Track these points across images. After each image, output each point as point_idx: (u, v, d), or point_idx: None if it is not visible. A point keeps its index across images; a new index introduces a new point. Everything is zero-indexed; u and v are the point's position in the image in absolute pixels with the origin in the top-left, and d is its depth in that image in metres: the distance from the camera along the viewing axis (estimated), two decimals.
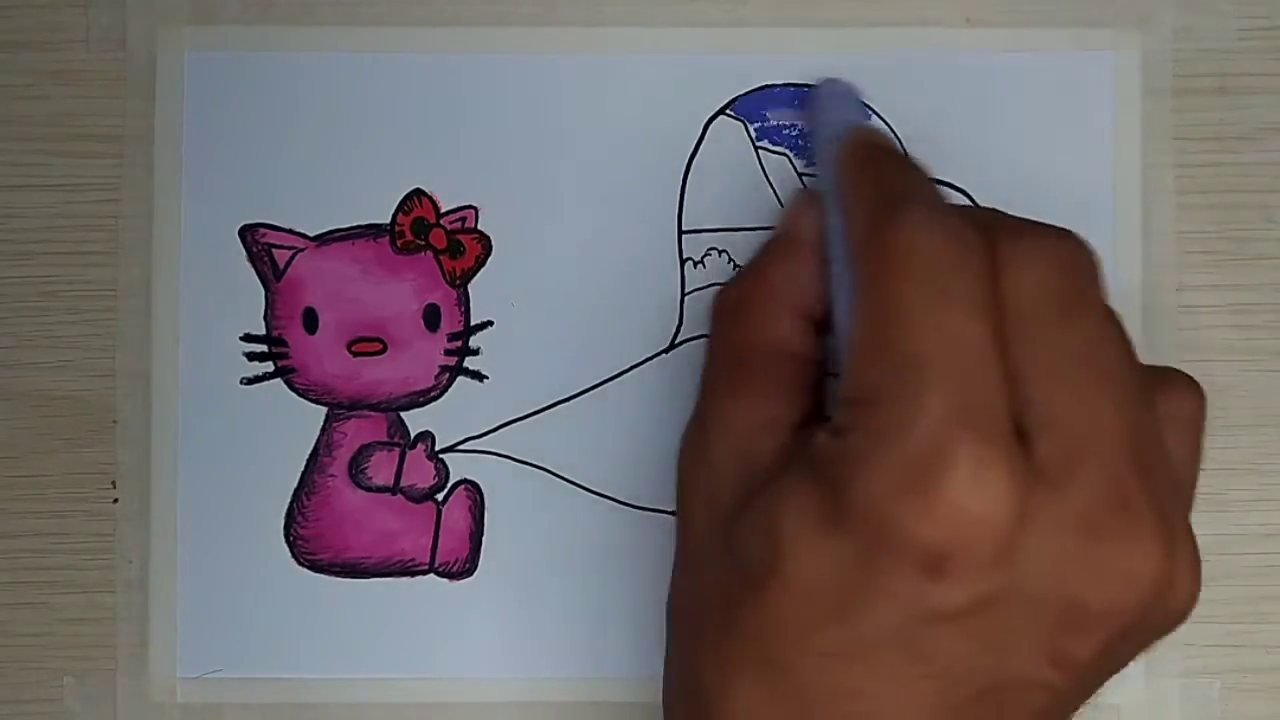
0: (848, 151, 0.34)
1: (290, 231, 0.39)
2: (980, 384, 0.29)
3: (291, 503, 0.39)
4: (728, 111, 0.39)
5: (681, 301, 0.39)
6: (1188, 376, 0.33)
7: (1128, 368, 0.30)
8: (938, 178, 0.38)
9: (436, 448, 0.39)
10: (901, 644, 0.29)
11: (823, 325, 0.34)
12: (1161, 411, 0.31)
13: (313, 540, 0.39)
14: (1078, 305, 0.30)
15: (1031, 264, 0.30)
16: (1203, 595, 0.38)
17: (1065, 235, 0.31)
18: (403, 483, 0.39)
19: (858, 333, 0.30)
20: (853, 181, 0.33)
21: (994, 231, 0.30)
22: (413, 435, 0.39)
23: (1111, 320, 0.31)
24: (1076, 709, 0.32)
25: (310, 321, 0.39)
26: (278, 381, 0.39)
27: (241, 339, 0.39)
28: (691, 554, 0.33)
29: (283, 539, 0.38)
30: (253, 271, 0.39)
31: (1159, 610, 0.30)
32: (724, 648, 0.30)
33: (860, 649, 0.29)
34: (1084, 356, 0.30)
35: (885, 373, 0.29)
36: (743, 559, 0.30)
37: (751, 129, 0.39)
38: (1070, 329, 0.30)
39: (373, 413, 0.39)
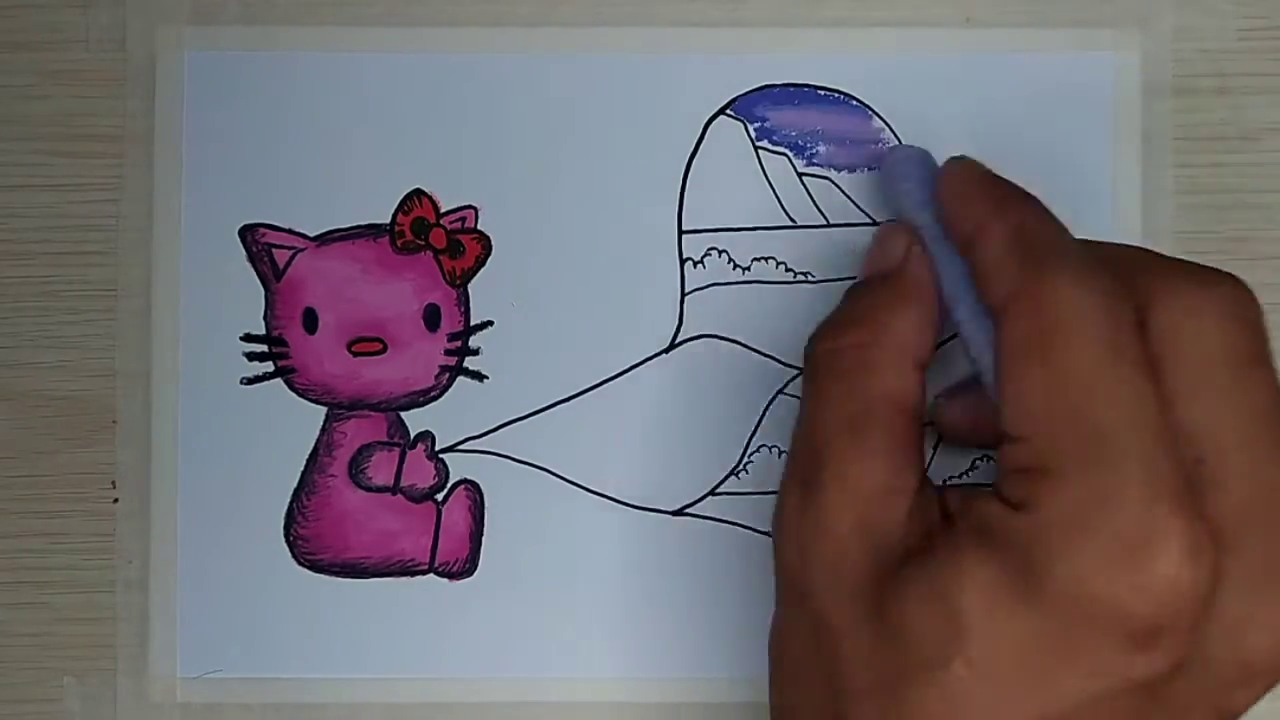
0: (968, 181, 0.33)
1: (290, 231, 0.39)
2: (1167, 449, 0.28)
3: (291, 503, 0.39)
4: (728, 111, 0.39)
5: (681, 301, 0.39)
6: None
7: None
8: None
9: (436, 448, 0.39)
10: (1091, 715, 0.29)
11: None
12: None
13: (313, 540, 0.39)
14: (1250, 359, 0.30)
15: (1201, 312, 0.29)
16: None
17: (1227, 281, 0.30)
18: (403, 483, 0.39)
19: (1021, 398, 0.29)
20: (983, 214, 0.32)
21: (1144, 275, 0.30)
22: (413, 435, 0.39)
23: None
24: None
25: (310, 321, 0.39)
26: (278, 381, 0.39)
27: (241, 339, 0.39)
28: (815, 622, 0.31)
29: (283, 539, 0.38)
30: (253, 271, 0.39)
31: None
32: None
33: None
34: (1257, 414, 0.29)
35: (1069, 442, 0.28)
36: (910, 640, 0.29)
37: (751, 129, 0.39)
38: (1244, 383, 0.29)
39: (373, 413, 0.39)
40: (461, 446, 0.39)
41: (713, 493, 0.38)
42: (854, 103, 0.39)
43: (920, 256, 0.34)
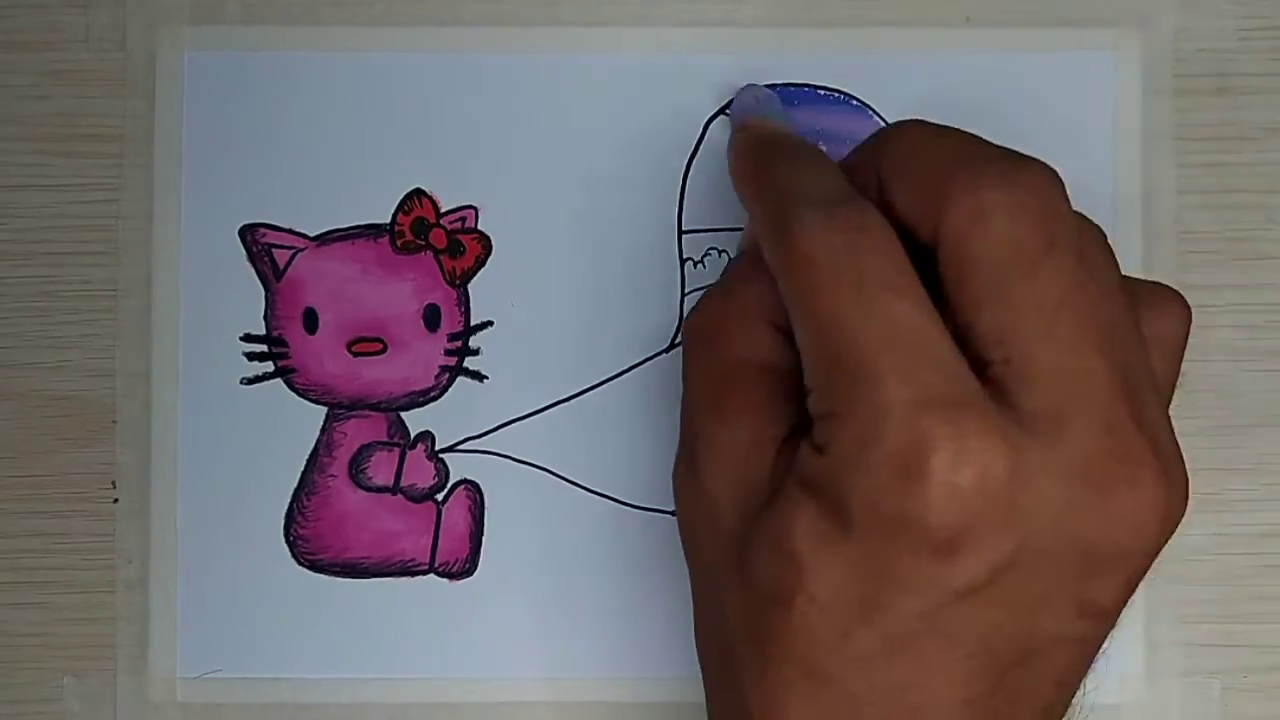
0: (737, 160, 0.34)
1: (290, 231, 0.39)
2: (930, 360, 0.29)
3: (291, 503, 0.39)
4: (728, 111, 0.39)
5: (681, 301, 0.39)
6: (1172, 292, 0.33)
7: (1110, 304, 0.30)
8: None
9: (436, 448, 0.39)
10: (935, 630, 0.29)
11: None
12: (1147, 331, 0.31)
13: (313, 540, 0.39)
14: (1047, 250, 0.29)
15: (993, 216, 0.29)
16: (1203, 595, 0.38)
17: (1024, 170, 0.30)
18: (403, 483, 0.39)
19: (803, 352, 0.30)
20: (747, 193, 0.33)
21: (948, 181, 0.30)
22: (413, 435, 0.39)
23: (1088, 254, 0.30)
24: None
25: (310, 321, 0.39)
26: (278, 381, 0.39)
27: (241, 339, 0.39)
28: (706, 587, 0.33)
29: (283, 539, 0.38)
30: (253, 271, 0.39)
31: (1166, 537, 0.30)
32: (767, 674, 0.30)
33: (897, 644, 0.29)
34: (1061, 304, 0.29)
35: (838, 381, 0.29)
36: (761, 584, 0.30)
37: None
38: (1043, 278, 0.29)
39: (373, 413, 0.39)
40: (461, 446, 0.39)
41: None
42: (854, 103, 0.39)
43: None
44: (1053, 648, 0.30)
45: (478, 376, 0.39)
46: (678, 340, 0.39)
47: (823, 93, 0.39)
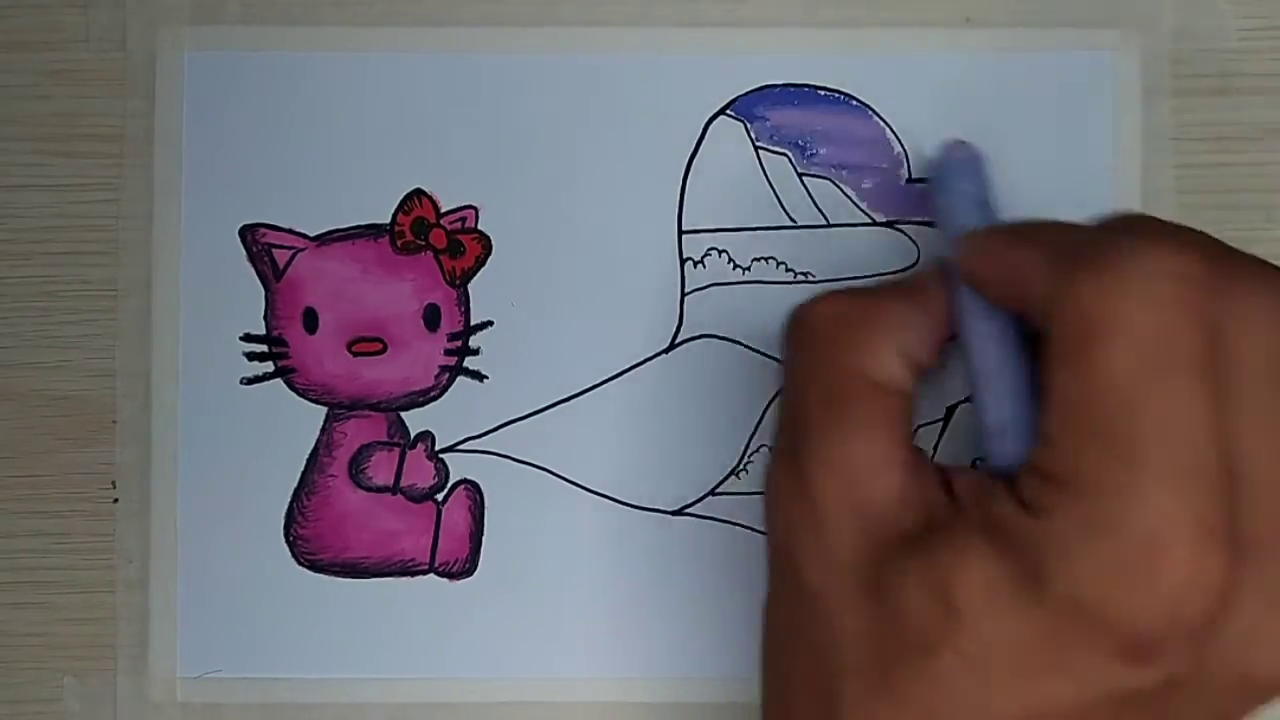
0: (985, 239, 0.32)
1: (290, 231, 0.39)
2: (1200, 467, 0.27)
3: (291, 503, 0.39)
4: (728, 111, 0.39)
5: (681, 301, 0.39)
6: None
7: None
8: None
9: (436, 448, 0.39)
10: (1077, 716, 0.28)
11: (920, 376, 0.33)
12: None
13: (313, 540, 0.39)
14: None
15: (1263, 324, 0.28)
16: None
17: None
18: (403, 483, 0.39)
19: (1056, 404, 0.28)
20: (1023, 239, 0.31)
21: (1223, 278, 0.28)
22: (413, 435, 0.39)
23: None
24: None
25: (310, 321, 0.39)
26: (278, 381, 0.39)
27: (241, 339, 0.39)
28: (806, 601, 0.31)
29: (283, 539, 0.38)
30: (253, 271, 0.39)
31: None
32: (876, 709, 0.29)
33: (1032, 717, 0.28)
34: None
35: (1095, 453, 0.27)
36: (903, 624, 0.29)
37: (751, 129, 0.39)
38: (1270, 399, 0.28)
39: (373, 413, 0.39)
40: (461, 446, 0.39)
41: (713, 493, 0.38)
42: (854, 103, 0.39)
43: (937, 272, 0.33)
44: None
45: (478, 376, 0.39)
46: (678, 340, 0.39)
47: (823, 93, 0.39)
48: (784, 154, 0.39)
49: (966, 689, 0.28)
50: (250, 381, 0.39)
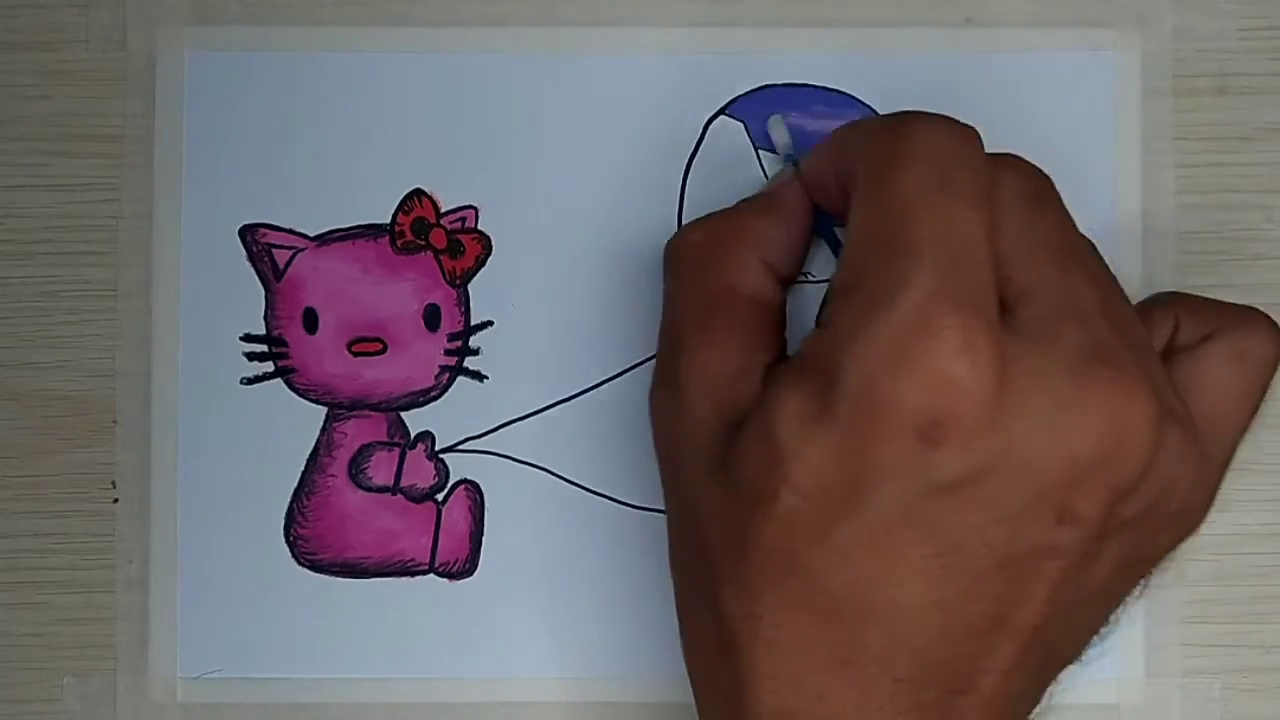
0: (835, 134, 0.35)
1: (290, 231, 0.39)
2: (970, 267, 0.30)
3: (291, 503, 0.39)
4: (728, 111, 0.39)
5: None
6: (1263, 315, 0.35)
7: (1094, 253, 0.33)
8: None
9: (436, 448, 0.39)
10: (911, 522, 0.30)
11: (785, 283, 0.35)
12: (1235, 348, 0.34)
13: (313, 540, 0.38)
14: (1048, 199, 0.32)
15: (1009, 165, 0.32)
16: (1203, 595, 0.38)
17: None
18: (403, 483, 0.39)
19: (851, 231, 0.31)
20: (853, 126, 0.34)
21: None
22: (413, 435, 0.39)
23: (1053, 195, 0.33)
24: (1120, 591, 0.34)
25: (310, 321, 0.39)
26: (278, 381, 0.39)
27: (241, 339, 0.39)
28: (684, 505, 0.33)
29: (283, 539, 0.38)
30: (253, 271, 0.39)
31: (1158, 471, 0.31)
32: (742, 573, 0.31)
33: (875, 536, 0.30)
34: (1057, 239, 0.32)
35: (876, 260, 0.30)
36: (744, 480, 0.31)
37: (751, 129, 0.39)
38: (1043, 217, 0.32)
39: (373, 413, 0.39)
40: (461, 446, 0.39)
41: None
42: (854, 102, 0.39)
43: (795, 184, 0.35)
44: (1034, 559, 0.30)
45: (478, 376, 0.39)
46: None
47: (823, 93, 0.39)
48: (785, 159, 0.39)
49: (809, 522, 0.30)
50: (250, 381, 0.39)
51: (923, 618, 0.30)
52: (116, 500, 0.39)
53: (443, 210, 0.39)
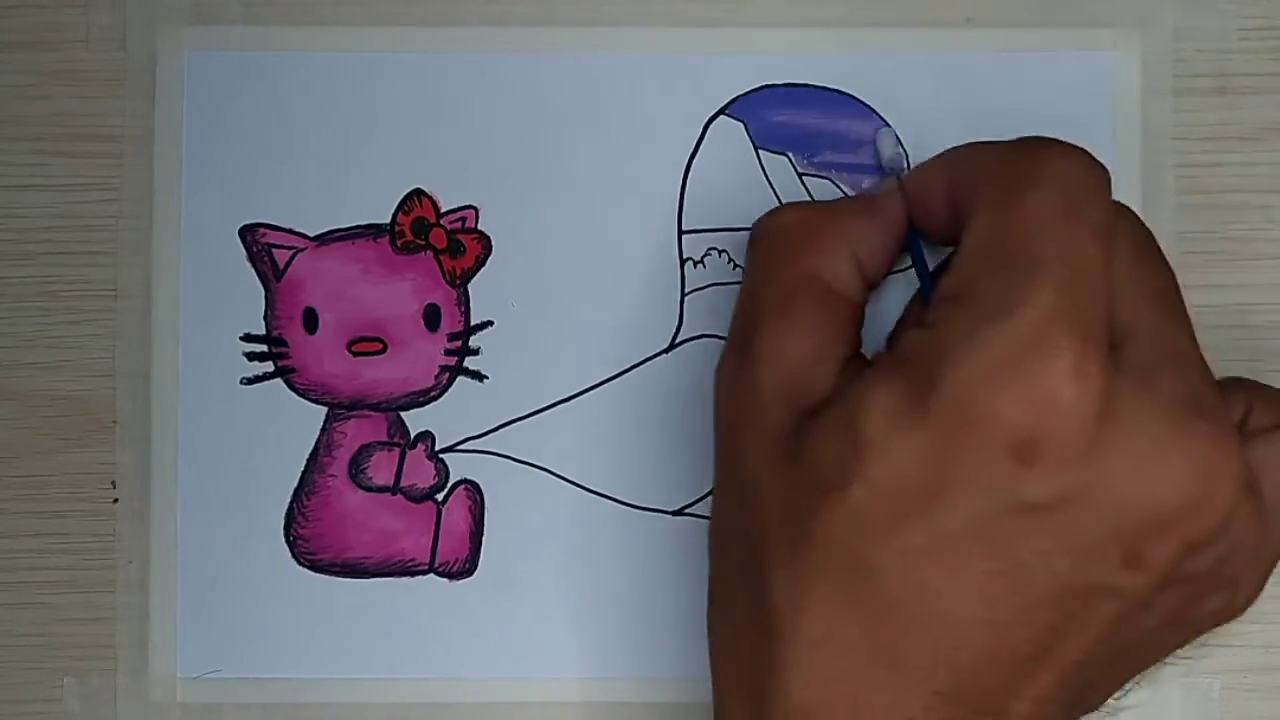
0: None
1: (290, 231, 0.39)
2: (1091, 295, 0.29)
3: (291, 503, 0.39)
4: (728, 111, 0.39)
5: (681, 301, 0.39)
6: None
7: (1188, 314, 0.33)
8: None
9: (436, 448, 0.39)
10: (982, 537, 0.29)
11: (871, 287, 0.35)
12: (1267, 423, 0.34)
13: (313, 540, 0.39)
14: (1157, 250, 0.33)
15: (1125, 213, 0.33)
16: None
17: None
18: (403, 483, 0.39)
19: (971, 238, 0.31)
20: (975, 145, 0.34)
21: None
22: (413, 435, 0.39)
23: (1145, 235, 0.33)
24: (1160, 649, 0.33)
25: (310, 321, 0.39)
26: (278, 381, 0.39)
27: (241, 339, 0.39)
28: (740, 481, 0.33)
29: (283, 539, 0.38)
30: (253, 271, 0.39)
31: (1230, 533, 0.31)
32: (797, 561, 0.30)
33: (942, 544, 0.30)
34: (1162, 290, 0.32)
35: (995, 270, 0.30)
36: (816, 466, 0.30)
37: (751, 129, 0.39)
38: (1151, 264, 0.32)
39: (373, 413, 0.39)
40: (461, 446, 0.39)
41: (713, 493, 0.38)
42: (854, 103, 0.39)
43: (896, 194, 0.35)
44: (1093, 597, 0.30)
45: (478, 376, 0.39)
46: (678, 340, 0.39)
47: (823, 93, 0.39)
48: (784, 154, 0.39)
49: (878, 519, 0.30)
50: (250, 381, 0.39)
51: (972, 634, 0.30)
52: (116, 500, 0.39)
53: (443, 210, 0.39)
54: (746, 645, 0.32)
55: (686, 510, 0.38)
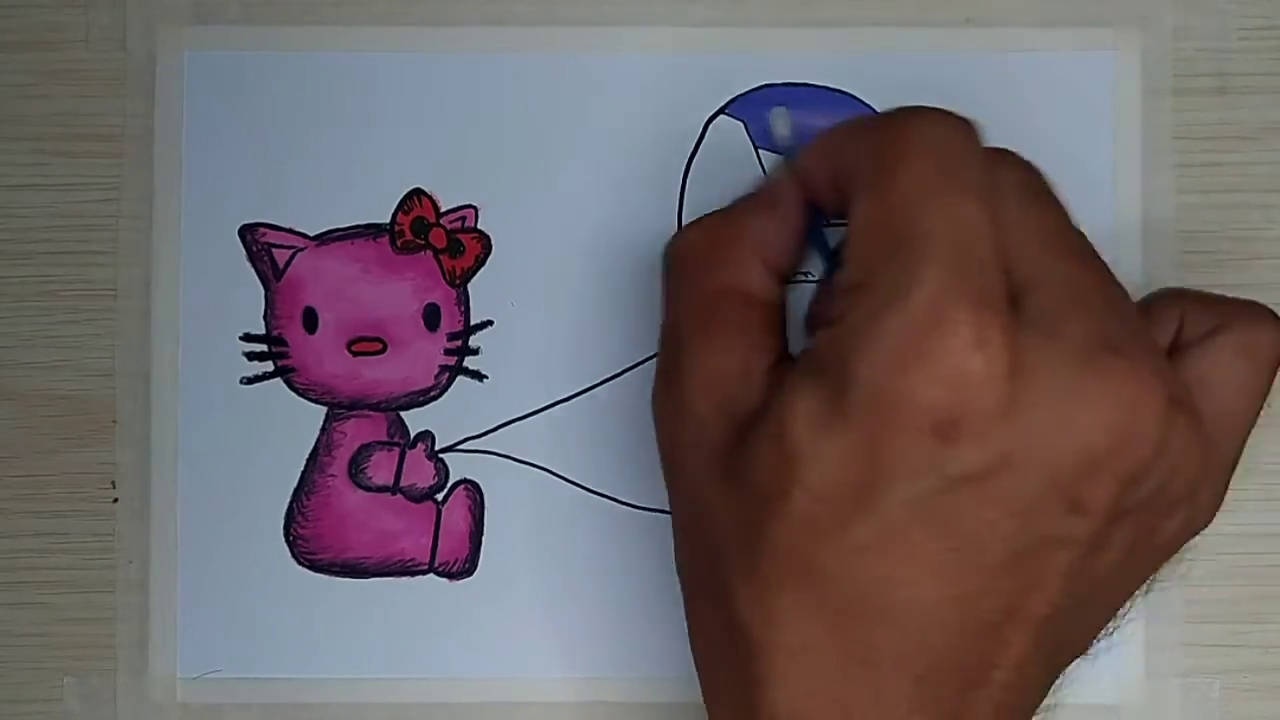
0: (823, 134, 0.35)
1: (290, 231, 0.39)
2: (978, 258, 0.30)
3: (291, 503, 0.39)
4: (728, 111, 0.39)
5: None
6: (1266, 309, 0.35)
7: (1091, 246, 0.32)
8: None
9: (436, 447, 0.39)
10: (925, 520, 0.30)
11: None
12: (1238, 341, 0.34)
13: (313, 540, 0.39)
14: (1044, 193, 0.32)
15: (1005, 159, 0.32)
16: (1202, 595, 0.38)
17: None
18: (403, 483, 0.39)
19: (855, 227, 0.31)
20: (848, 123, 0.34)
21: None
22: (413, 435, 0.39)
23: (1043, 185, 0.33)
24: (1130, 580, 0.34)
25: (310, 321, 0.39)
26: (278, 381, 0.39)
27: (241, 339, 0.39)
28: (691, 505, 0.33)
29: (283, 539, 0.38)
30: (253, 271, 0.39)
31: (1166, 459, 0.31)
32: (756, 576, 0.31)
33: (890, 535, 0.30)
34: (1056, 231, 0.32)
35: (884, 256, 0.30)
36: (755, 482, 0.31)
37: (751, 129, 0.39)
38: (1042, 210, 0.32)
39: (373, 412, 0.39)
40: (461, 446, 0.39)
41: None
42: (854, 103, 0.39)
43: (790, 182, 0.35)
44: (1046, 550, 0.30)
45: (478, 376, 0.39)
46: None
47: (823, 92, 0.39)
48: (784, 154, 0.39)
49: (823, 523, 0.30)
50: (250, 381, 0.39)
51: (938, 615, 0.30)
52: (116, 500, 0.39)
53: (442, 210, 0.39)
54: (726, 661, 0.32)
55: None
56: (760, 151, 0.39)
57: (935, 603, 0.30)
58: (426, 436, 0.39)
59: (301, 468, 0.39)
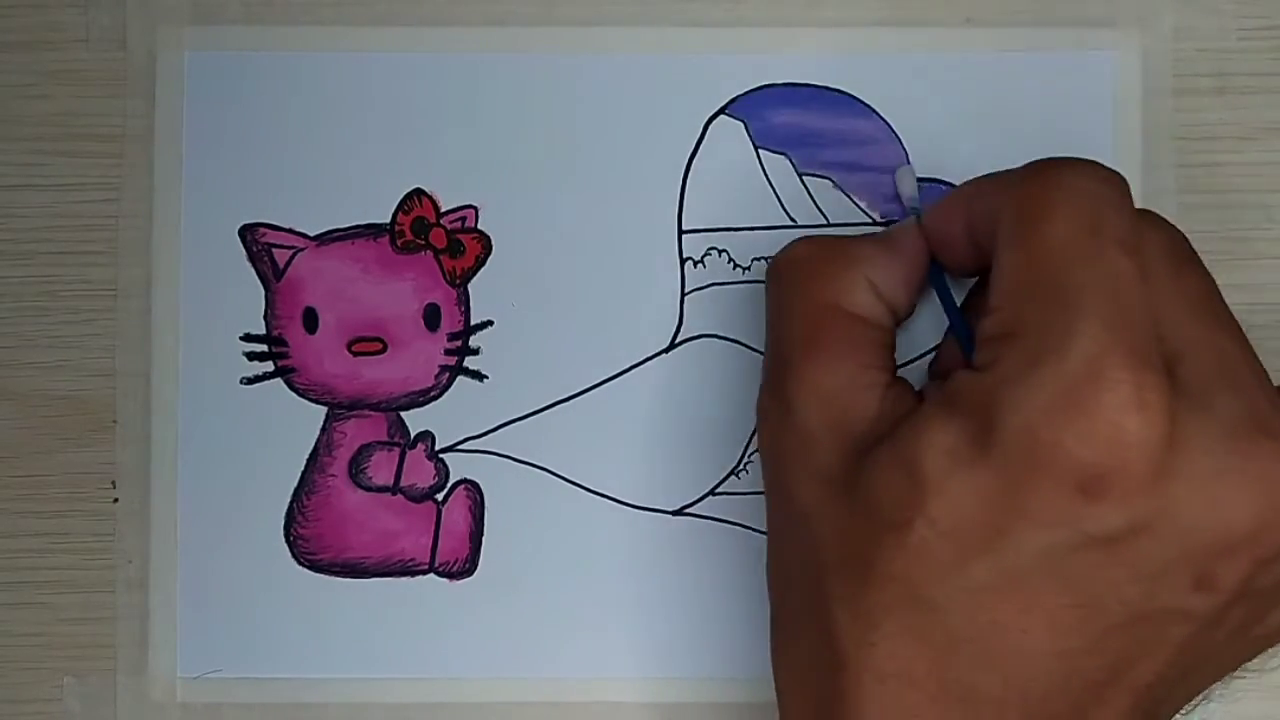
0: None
1: (290, 231, 0.39)
2: (1135, 316, 0.29)
3: (291, 503, 0.39)
4: (728, 111, 0.39)
5: (681, 301, 0.39)
6: None
7: (1234, 316, 0.32)
8: (937, 178, 0.38)
9: (436, 447, 0.39)
10: (1052, 572, 0.29)
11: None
12: None
13: (313, 540, 0.39)
14: (1193, 258, 0.32)
15: (1153, 222, 0.32)
16: None
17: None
18: (403, 483, 0.39)
19: (1003, 277, 0.30)
20: (989, 177, 0.33)
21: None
22: (413, 435, 0.39)
23: (1188, 253, 0.32)
24: (1228, 663, 0.33)
25: (310, 321, 0.39)
26: (278, 381, 0.39)
27: (241, 339, 0.39)
28: (793, 517, 0.32)
29: (283, 539, 0.38)
30: (253, 271, 0.39)
31: None
32: (861, 597, 0.30)
33: (1010, 581, 0.29)
34: (1205, 299, 0.32)
35: (1036, 306, 0.29)
36: (875, 505, 0.30)
37: (751, 129, 0.39)
38: (1188, 275, 0.32)
39: (373, 412, 0.39)
40: (461, 446, 0.39)
41: (713, 493, 0.38)
42: (854, 102, 0.39)
43: (914, 230, 0.35)
44: (1164, 621, 0.30)
45: (478, 376, 0.39)
46: (678, 340, 0.39)
47: (823, 92, 0.39)
48: (784, 154, 0.39)
49: (942, 557, 0.29)
50: (250, 381, 0.39)
51: (1044, 666, 0.30)
52: (116, 500, 0.39)
53: (443, 210, 0.39)
54: (814, 681, 0.31)
55: (686, 510, 0.38)
56: (760, 151, 0.39)
57: (1044, 654, 0.30)
58: (427, 436, 0.39)
59: (301, 468, 0.39)
